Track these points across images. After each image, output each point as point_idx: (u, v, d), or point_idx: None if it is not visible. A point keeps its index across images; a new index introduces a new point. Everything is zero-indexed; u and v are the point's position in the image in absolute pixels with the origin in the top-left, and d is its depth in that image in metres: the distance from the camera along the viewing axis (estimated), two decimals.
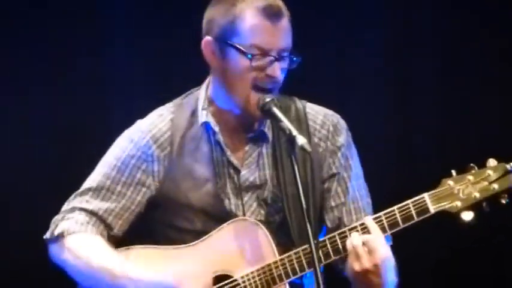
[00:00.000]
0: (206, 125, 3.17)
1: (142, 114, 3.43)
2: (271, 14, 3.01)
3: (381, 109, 5.47)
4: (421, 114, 5.49)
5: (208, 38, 3.07)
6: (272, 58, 3.01)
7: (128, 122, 3.40)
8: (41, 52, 5.41)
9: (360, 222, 3.06)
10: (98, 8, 5.55)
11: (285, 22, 3.04)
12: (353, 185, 3.23)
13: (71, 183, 3.47)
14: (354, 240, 2.96)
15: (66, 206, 3.23)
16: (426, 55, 5.46)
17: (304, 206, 2.76)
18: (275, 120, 2.99)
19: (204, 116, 3.16)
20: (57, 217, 3.22)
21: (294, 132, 2.84)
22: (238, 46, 3.01)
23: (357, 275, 2.96)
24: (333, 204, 3.20)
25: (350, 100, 5.45)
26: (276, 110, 2.97)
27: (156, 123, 3.22)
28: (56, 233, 3.18)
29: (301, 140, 2.80)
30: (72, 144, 5.23)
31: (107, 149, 3.38)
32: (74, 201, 3.22)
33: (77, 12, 5.51)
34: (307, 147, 2.80)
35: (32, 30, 5.58)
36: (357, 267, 2.94)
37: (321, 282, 2.75)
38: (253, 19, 3.01)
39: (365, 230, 3.04)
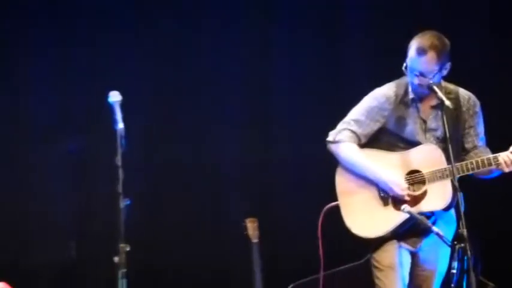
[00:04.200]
0: (413, 99, 5.15)
1: None
2: (419, 51, 4.99)
3: None
4: None
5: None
6: (413, 75, 5.04)
7: None
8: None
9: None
10: None
11: (427, 58, 4.99)
12: (479, 130, 5.23)
13: None
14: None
15: (340, 126, 5.17)
16: None
17: (447, 135, 4.89)
18: (435, 93, 4.96)
19: (411, 94, 5.13)
20: (335, 131, 5.17)
21: (444, 99, 4.91)
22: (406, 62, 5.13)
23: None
24: (469, 139, 5.22)
25: None
26: (435, 88, 4.96)
27: (389, 92, 5.19)
28: (336, 139, 5.17)
29: (447, 103, 4.90)
30: None
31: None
32: (344, 124, 5.19)
33: None
34: (450, 106, 4.92)
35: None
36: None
37: (456, 184, 4.89)
38: (411, 52, 5.04)
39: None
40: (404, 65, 5.09)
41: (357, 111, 5.27)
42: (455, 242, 4.76)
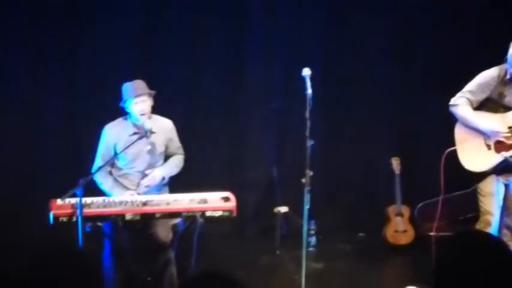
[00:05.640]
0: (510, 79, 5.86)
1: None
2: None
3: None
4: None
5: None
6: (510, 66, 5.79)
7: None
8: None
9: None
10: None
11: None
12: None
13: None
14: None
15: (459, 95, 5.96)
16: None
17: None
18: None
19: (508, 75, 5.84)
20: (455, 98, 5.96)
21: None
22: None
23: None
24: None
25: None
26: None
27: (494, 73, 5.91)
28: (456, 103, 5.94)
29: None
30: None
31: None
32: (461, 93, 5.95)
33: None
34: None
35: None
36: None
37: None
38: (510, 51, 5.72)
39: None
40: (506, 57, 5.76)
41: (471, 85, 5.99)
42: None
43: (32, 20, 7.56)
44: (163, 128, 6.19)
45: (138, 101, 5.98)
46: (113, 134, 6.08)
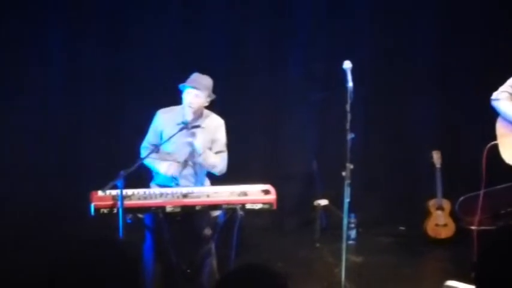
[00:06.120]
0: None
1: None
2: None
3: None
4: None
5: None
6: None
7: None
8: None
9: None
10: None
11: None
12: None
13: None
14: None
15: (501, 89, 5.86)
16: None
17: None
18: None
19: None
20: (497, 92, 5.85)
21: None
22: None
23: None
24: None
25: None
26: None
27: None
28: (498, 97, 5.83)
29: None
30: None
31: None
32: (503, 88, 5.84)
33: None
34: None
35: None
36: None
37: None
38: None
39: None
40: None
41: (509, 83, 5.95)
42: None
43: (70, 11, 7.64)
44: (211, 125, 6.12)
45: (192, 92, 5.97)
46: (163, 120, 6.10)
